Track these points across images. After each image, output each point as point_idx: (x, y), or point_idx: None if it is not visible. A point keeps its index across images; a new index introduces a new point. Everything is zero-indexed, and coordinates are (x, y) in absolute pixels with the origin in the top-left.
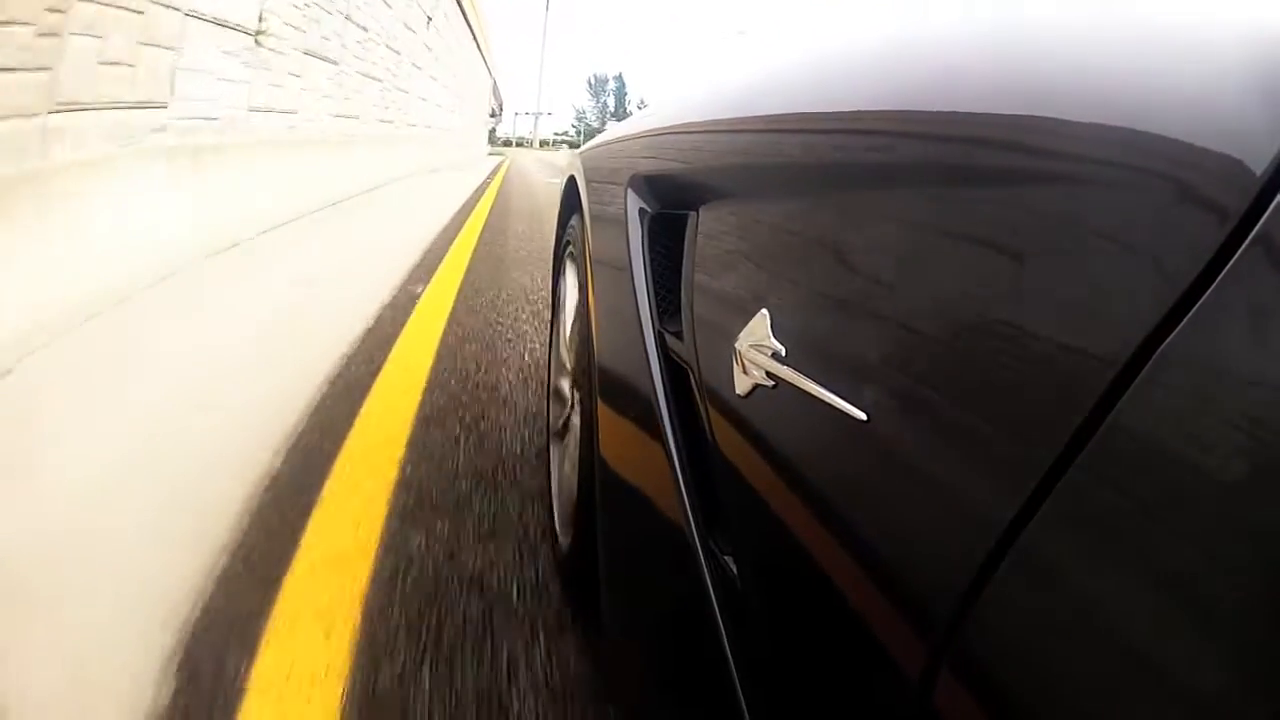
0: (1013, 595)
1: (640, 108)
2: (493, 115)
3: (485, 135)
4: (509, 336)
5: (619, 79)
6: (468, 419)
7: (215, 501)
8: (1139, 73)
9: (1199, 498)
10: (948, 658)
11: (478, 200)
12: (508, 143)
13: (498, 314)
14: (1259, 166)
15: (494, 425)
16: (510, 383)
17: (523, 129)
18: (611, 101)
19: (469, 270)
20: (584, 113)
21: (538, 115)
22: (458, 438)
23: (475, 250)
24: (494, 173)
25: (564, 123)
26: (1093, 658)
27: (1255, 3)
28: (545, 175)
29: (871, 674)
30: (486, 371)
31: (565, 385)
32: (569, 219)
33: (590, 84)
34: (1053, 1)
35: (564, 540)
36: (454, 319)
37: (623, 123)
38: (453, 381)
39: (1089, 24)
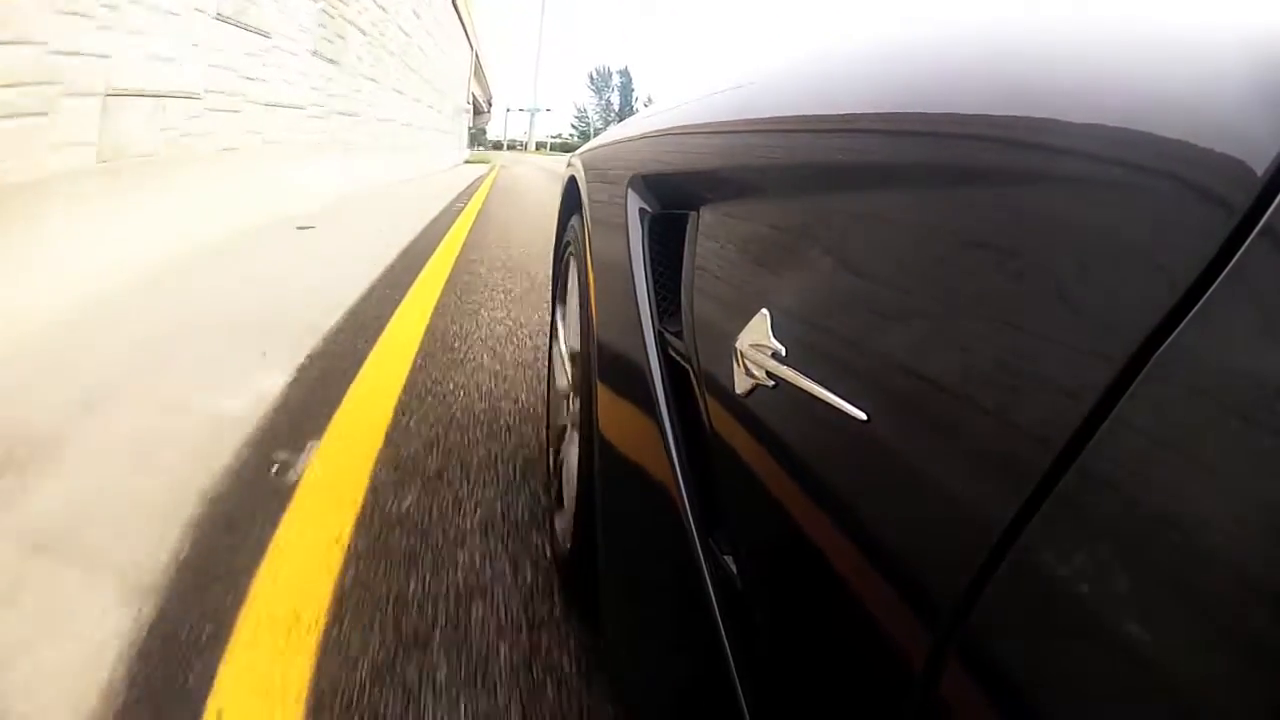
0: (1013, 595)
1: (647, 105)
2: (475, 110)
3: (461, 134)
4: None
5: (624, 73)
6: None
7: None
8: (1140, 73)
9: (1200, 497)
10: (948, 657)
11: None
12: (498, 145)
13: None
14: (1260, 166)
15: None
16: None
17: (516, 129)
18: (616, 99)
19: None
20: (585, 110)
21: (534, 111)
22: None
23: None
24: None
25: (564, 121)
26: (1093, 658)
27: (1255, 3)
28: None
29: (871, 674)
30: None
31: (565, 385)
32: (569, 219)
33: (592, 79)
34: (1053, 2)
35: (564, 541)
36: None
37: (623, 123)
38: None
39: (1089, 24)
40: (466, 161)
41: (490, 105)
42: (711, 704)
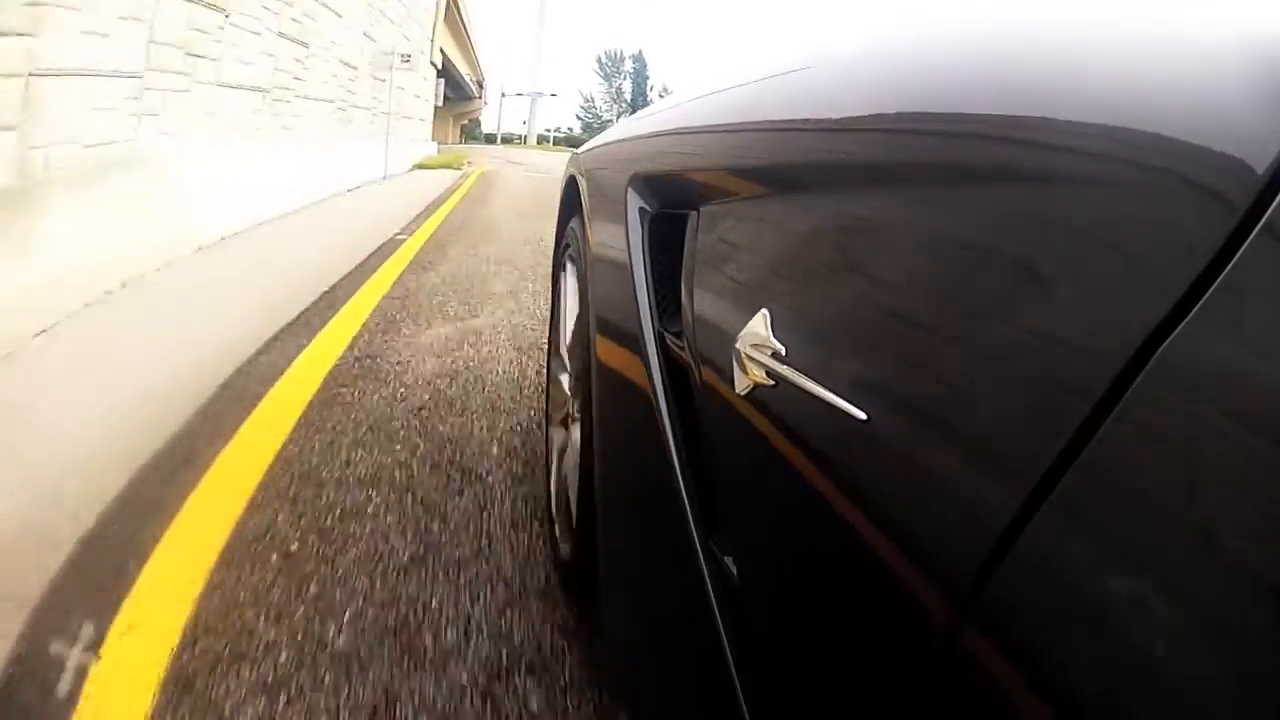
0: (1013, 595)
1: (663, 95)
2: (464, 94)
3: (420, 115)
4: None
5: (638, 58)
6: None
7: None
8: (1140, 73)
9: (1200, 496)
10: (948, 657)
11: None
12: (491, 138)
13: None
14: (1260, 166)
15: None
16: None
17: (515, 121)
18: (628, 86)
19: None
20: (592, 99)
21: (535, 96)
22: None
23: None
24: None
25: (569, 111)
26: (1094, 658)
27: (1255, 3)
28: None
29: (871, 674)
30: None
31: (565, 386)
32: (569, 220)
33: (600, 63)
34: (1053, 2)
35: (564, 542)
36: None
37: (623, 123)
38: None
39: (1089, 24)
40: (417, 166)
41: (483, 88)
42: (712, 705)
